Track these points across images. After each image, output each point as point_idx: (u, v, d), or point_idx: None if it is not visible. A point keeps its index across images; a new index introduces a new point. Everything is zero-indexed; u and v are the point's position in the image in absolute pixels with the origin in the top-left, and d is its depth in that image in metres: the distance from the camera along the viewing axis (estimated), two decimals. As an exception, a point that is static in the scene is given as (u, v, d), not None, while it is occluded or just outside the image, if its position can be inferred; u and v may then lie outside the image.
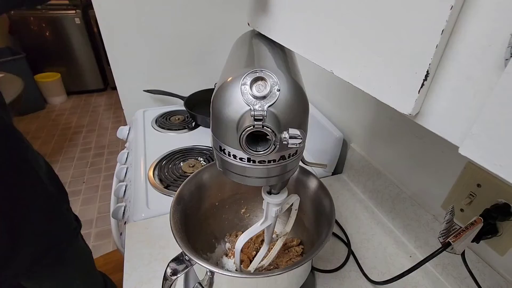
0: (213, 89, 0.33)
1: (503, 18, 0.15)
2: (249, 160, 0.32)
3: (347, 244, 0.63)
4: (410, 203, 0.61)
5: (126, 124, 1.14)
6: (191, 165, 0.83)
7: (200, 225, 0.53)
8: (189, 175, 0.55)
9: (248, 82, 0.29)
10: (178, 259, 0.40)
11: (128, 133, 1.06)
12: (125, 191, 0.81)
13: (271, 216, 0.42)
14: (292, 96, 0.30)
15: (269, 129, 0.27)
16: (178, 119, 1.08)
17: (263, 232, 0.46)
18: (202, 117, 1.01)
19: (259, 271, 0.50)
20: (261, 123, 0.27)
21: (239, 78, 0.30)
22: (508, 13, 0.15)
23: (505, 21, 0.15)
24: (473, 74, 0.17)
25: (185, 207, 0.48)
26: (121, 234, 0.75)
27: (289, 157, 0.34)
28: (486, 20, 0.16)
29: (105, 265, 0.93)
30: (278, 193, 0.41)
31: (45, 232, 0.60)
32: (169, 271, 0.39)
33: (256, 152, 0.29)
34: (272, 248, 0.52)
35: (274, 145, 0.28)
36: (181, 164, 0.83)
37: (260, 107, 0.29)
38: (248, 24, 0.44)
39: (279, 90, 0.29)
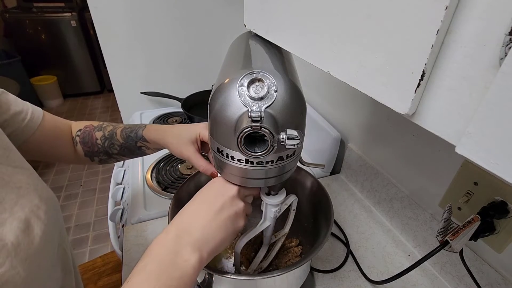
0: (210, 90, 0.33)
1: (497, 17, 0.15)
2: (247, 161, 0.32)
3: (346, 244, 0.63)
4: (408, 202, 0.61)
5: (123, 127, 1.13)
6: (189, 167, 0.83)
7: (199, 227, 0.53)
8: (187, 177, 0.55)
9: (246, 84, 0.30)
10: (177, 262, 0.39)
11: (125, 136, 1.05)
12: (122, 194, 0.80)
13: (270, 217, 0.42)
14: (290, 97, 0.30)
15: (266, 130, 0.27)
16: (176, 121, 1.08)
17: (262, 233, 0.46)
18: (199, 118, 1.01)
19: (258, 272, 0.50)
20: (258, 124, 0.27)
21: (237, 79, 0.30)
22: (502, 12, 0.15)
23: (500, 20, 0.15)
24: (469, 74, 0.17)
25: (184, 209, 0.48)
26: (119, 237, 0.75)
27: (287, 158, 0.34)
28: (480, 20, 0.16)
29: (104, 266, 0.92)
30: (276, 194, 0.41)
31: None
32: (168, 273, 0.38)
33: (254, 153, 0.29)
34: (271, 249, 0.52)
35: (272, 146, 0.28)
36: (179, 166, 0.83)
37: (257, 108, 0.29)
38: (245, 26, 0.44)
39: (276, 91, 0.29)
